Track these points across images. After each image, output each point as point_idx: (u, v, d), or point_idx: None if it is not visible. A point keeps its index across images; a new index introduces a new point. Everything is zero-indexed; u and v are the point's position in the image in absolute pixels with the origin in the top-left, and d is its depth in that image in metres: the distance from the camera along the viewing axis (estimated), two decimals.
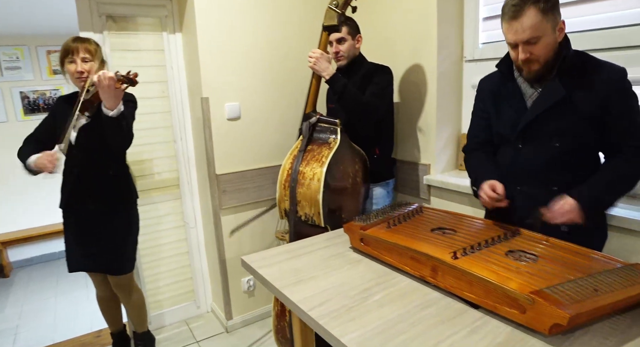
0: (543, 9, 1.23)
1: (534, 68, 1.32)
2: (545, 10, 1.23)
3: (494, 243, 1.21)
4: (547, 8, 1.23)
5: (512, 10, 1.26)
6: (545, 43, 1.28)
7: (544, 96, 1.33)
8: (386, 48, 2.36)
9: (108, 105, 1.70)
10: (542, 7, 1.23)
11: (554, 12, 1.26)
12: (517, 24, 1.26)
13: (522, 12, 1.24)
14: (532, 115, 1.34)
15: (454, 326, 1.00)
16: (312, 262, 1.40)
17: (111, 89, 1.66)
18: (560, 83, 1.29)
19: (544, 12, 1.23)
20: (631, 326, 0.98)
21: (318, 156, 1.84)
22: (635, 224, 1.46)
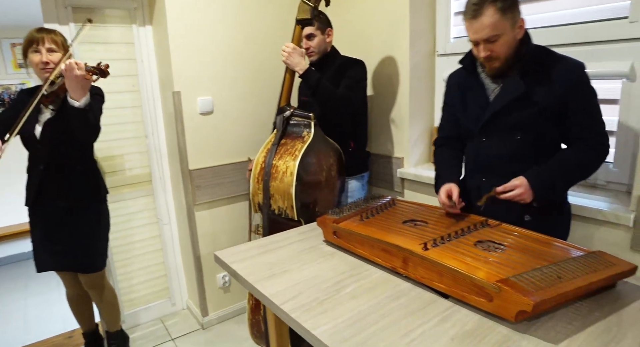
0: (502, 8, 1.25)
1: (495, 65, 1.35)
2: (504, 9, 1.26)
3: (464, 234, 1.23)
4: (506, 7, 1.26)
5: (472, 10, 1.28)
6: (505, 41, 1.30)
7: (504, 91, 1.36)
8: (359, 42, 2.36)
9: (74, 96, 1.65)
10: (500, 6, 1.25)
11: (512, 10, 1.28)
12: (477, 23, 1.28)
13: (482, 11, 1.26)
14: (493, 109, 1.38)
15: (424, 315, 1.01)
16: (286, 256, 1.40)
17: (79, 79, 1.61)
18: (521, 78, 1.33)
19: (502, 11, 1.26)
20: (592, 310, 1.02)
21: (291, 150, 1.84)
22: (597, 213, 1.51)
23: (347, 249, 1.37)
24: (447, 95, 1.62)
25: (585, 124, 1.33)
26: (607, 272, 1.04)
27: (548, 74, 1.33)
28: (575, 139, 1.35)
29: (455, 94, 1.56)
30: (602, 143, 1.34)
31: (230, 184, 2.45)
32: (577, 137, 1.35)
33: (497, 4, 1.25)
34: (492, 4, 1.25)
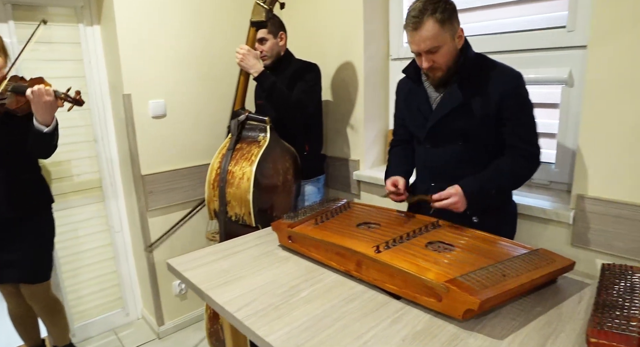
0: (440, 20, 1.28)
1: (437, 75, 1.39)
2: (443, 20, 1.29)
3: (415, 235, 1.26)
4: (445, 18, 1.29)
5: (413, 22, 1.30)
6: (445, 51, 1.33)
7: (444, 101, 1.40)
8: (314, 45, 2.37)
9: (43, 121, 1.58)
10: (439, 18, 1.28)
11: (451, 21, 1.32)
12: (418, 35, 1.31)
13: (421, 24, 1.29)
14: (434, 119, 1.42)
15: (377, 317, 1.03)
16: (241, 262, 1.39)
17: (47, 105, 1.54)
18: (460, 87, 1.37)
19: (441, 22, 1.29)
20: (535, 306, 1.07)
21: (247, 155, 1.82)
22: (540, 211, 1.59)
23: (302, 253, 1.37)
24: (397, 101, 1.66)
25: (517, 133, 1.38)
26: (548, 269, 1.09)
27: (486, 83, 1.37)
28: (509, 147, 1.40)
29: (403, 101, 1.60)
30: (534, 152, 1.39)
31: (186, 188, 2.40)
32: (511, 145, 1.39)
33: (437, 16, 1.28)
34: (432, 16, 1.28)
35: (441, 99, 1.43)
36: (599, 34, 1.42)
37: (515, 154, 1.39)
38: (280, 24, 2.08)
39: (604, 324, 0.83)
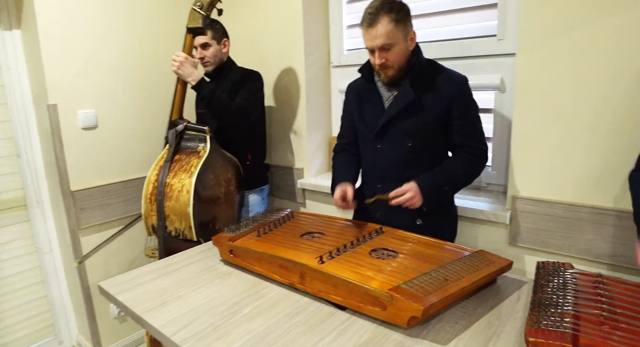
0: (395, 19, 1.33)
1: (389, 73, 1.42)
2: (397, 20, 1.34)
3: (359, 243, 1.25)
4: (399, 18, 1.34)
5: (369, 18, 1.35)
6: (398, 50, 1.37)
7: (397, 99, 1.43)
8: (255, 53, 2.33)
9: None
10: (394, 17, 1.33)
11: (405, 22, 1.37)
12: (373, 31, 1.34)
13: (377, 20, 1.33)
14: (387, 117, 1.43)
15: (322, 330, 1.00)
16: (180, 280, 1.31)
17: None
18: (412, 86, 1.40)
19: (396, 22, 1.34)
20: (477, 307, 1.08)
21: (186, 166, 1.74)
22: (479, 213, 1.63)
23: (245, 267, 1.32)
24: (346, 104, 1.66)
25: (467, 133, 1.44)
26: (487, 270, 1.11)
27: (435, 85, 1.42)
28: (458, 147, 1.45)
29: (354, 103, 1.60)
30: (483, 150, 1.46)
31: (122, 203, 2.26)
32: (461, 144, 1.45)
33: (392, 15, 1.33)
34: (387, 14, 1.33)
35: (394, 97, 1.45)
36: (525, 43, 1.49)
37: (466, 151, 1.44)
38: (224, 30, 2.03)
39: (540, 323, 0.85)
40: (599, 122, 1.39)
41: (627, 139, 1.35)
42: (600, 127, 1.39)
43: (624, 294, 0.97)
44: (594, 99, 1.39)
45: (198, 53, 1.98)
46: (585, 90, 1.40)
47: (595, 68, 1.37)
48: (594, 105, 1.39)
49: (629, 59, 1.31)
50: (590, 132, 1.41)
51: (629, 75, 1.32)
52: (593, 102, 1.39)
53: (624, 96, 1.34)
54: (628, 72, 1.32)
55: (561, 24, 1.41)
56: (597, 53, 1.36)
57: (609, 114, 1.37)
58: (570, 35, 1.40)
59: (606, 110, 1.37)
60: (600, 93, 1.37)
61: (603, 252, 1.44)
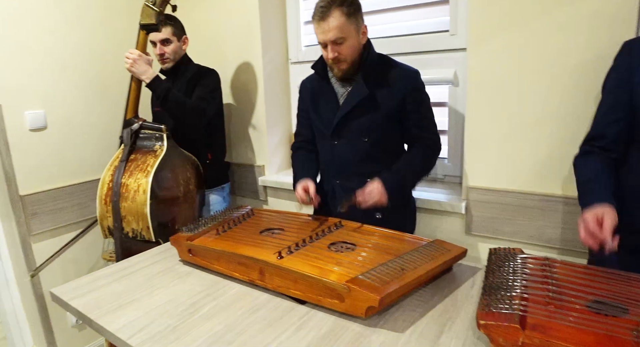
0: (347, 13, 1.34)
1: (342, 67, 1.42)
2: (349, 14, 1.35)
3: (318, 238, 1.25)
4: (351, 12, 1.35)
5: (320, 12, 1.35)
6: (350, 44, 1.38)
7: (351, 95, 1.44)
8: (212, 50, 2.30)
9: None
10: (346, 10, 1.34)
11: (357, 16, 1.38)
12: (325, 24, 1.35)
13: (329, 13, 1.34)
14: (342, 113, 1.44)
15: (282, 325, 1.00)
16: (137, 283, 1.27)
17: None
18: (366, 82, 1.41)
19: (347, 15, 1.35)
20: (433, 295, 1.11)
21: (142, 166, 1.69)
22: (437, 204, 1.68)
23: (204, 266, 1.30)
24: (301, 101, 1.66)
25: (422, 125, 1.47)
26: (443, 259, 1.14)
27: (388, 80, 1.44)
28: (414, 139, 1.48)
29: (309, 100, 1.60)
30: (437, 141, 1.50)
31: (77, 207, 2.17)
32: (417, 137, 1.48)
33: (343, 8, 1.34)
34: (339, 8, 1.33)
35: (348, 93, 1.46)
36: (475, 38, 1.54)
37: (422, 144, 1.47)
38: (183, 27, 1.99)
39: (490, 306, 0.88)
40: (545, 113, 1.45)
41: (572, 128, 1.42)
42: (546, 118, 1.45)
43: (568, 276, 1.02)
44: (540, 91, 1.45)
45: (158, 49, 1.93)
46: (531, 83, 1.46)
47: (541, 62, 1.43)
48: (540, 97, 1.45)
49: (572, 53, 1.38)
50: (538, 123, 1.47)
51: (571, 68, 1.39)
52: (539, 95, 1.45)
53: (567, 88, 1.40)
54: (571, 65, 1.39)
55: (508, 20, 1.46)
56: (542, 47, 1.42)
57: (554, 105, 1.43)
58: (517, 30, 1.45)
59: (552, 102, 1.44)
60: (546, 85, 1.44)
61: (552, 237, 1.51)
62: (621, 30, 1.30)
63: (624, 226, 1.11)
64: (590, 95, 1.38)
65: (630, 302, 0.90)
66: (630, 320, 0.83)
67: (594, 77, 1.35)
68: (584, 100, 1.38)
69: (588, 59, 1.36)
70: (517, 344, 0.81)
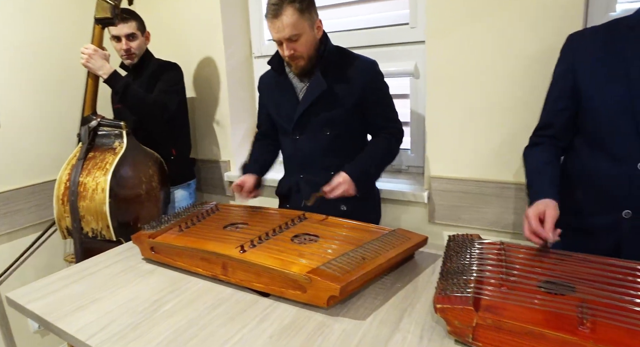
0: (300, 9, 1.33)
1: (300, 64, 1.42)
2: (302, 10, 1.33)
3: (282, 231, 1.26)
4: (303, 8, 1.34)
5: (273, 9, 1.33)
6: (305, 40, 1.38)
7: (310, 90, 1.44)
8: (174, 45, 2.26)
9: None
10: (298, 7, 1.33)
11: (310, 11, 1.37)
12: (278, 22, 1.33)
13: (281, 11, 1.32)
14: (302, 108, 1.45)
15: (244, 319, 1.00)
16: (97, 283, 1.25)
17: None
18: (324, 75, 1.42)
19: (300, 11, 1.33)
20: (395, 282, 1.13)
21: (101, 164, 1.65)
22: (400, 194, 1.71)
23: (167, 263, 1.28)
24: (260, 96, 1.65)
25: (384, 115, 1.49)
26: (404, 247, 1.16)
27: (347, 73, 1.45)
28: (377, 129, 1.50)
29: (268, 95, 1.59)
30: (399, 129, 1.52)
31: (34, 209, 2.10)
32: (379, 127, 1.50)
33: (295, 4, 1.32)
34: (291, 5, 1.32)
35: (307, 88, 1.46)
36: (434, 31, 1.57)
37: (386, 133, 1.49)
38: (144, 22, 1.95)
39: (446, 290, 0.91)
40: (501, 103, 1.50)
41: (526, 118, 1.47)
42: (502, 108, 1.50)
43: (522, 258, 1.06)
44: (496, 82, 1.49)
45: (124, 44, 1.88)
46: (488, 74, 1.50)
47: (497, 54, 1.47)
48: (497, 88, 1.50)
49: (525, 45, 1.43)
50: (494, 113, 1.52)
51: (525, 60, 1.44)
52: (496, 86, 1.50)
53: (522, 79, 1.45)
54: (522, 57, 1.44)
55: (466, 13, 1.50)
56: (497, 40, 1.46)
57: (509, 96, 1.48)
58: (474, 23, 1.49)
59: (507, 93, 1.48)
60: (502, 77, 1.48)
61: (509, 223, 1.57)
62: (569, 23, 1.36)
63: (568, 208, 1.17)
64: (542, 86, 1.43)
65: (578, 280, 0.94)
66: (576, 297, 0.87)
67: (545, 68, 1.40)
68: (538, 90, 1.44)
69: (540, 51, 1.41)
70: (471, 325, 0.84)
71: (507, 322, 0.81)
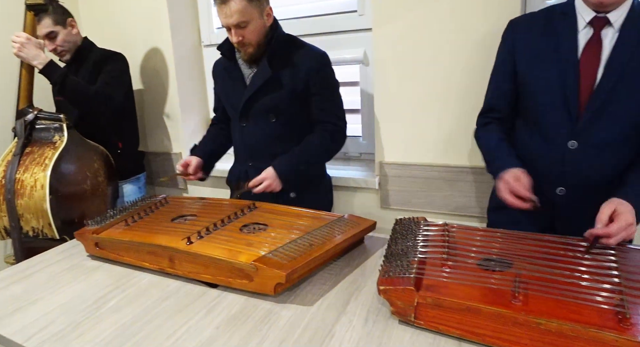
0: None
1: (248, 50, 1.41)
2: None
3: (231, 221, 1.25)
4: None
5: None
6: (254, 27, 1.36)
7: (256, 76, 1.43)
8: (117, 32, 2.17)
9: None
10: None
11: None
12: (226, 8, 1.32)
13: None
14: (247, 95, 1.43)
15: (192, 310, 0.99)
16: (38, 283, 1.19)
17: None
18: (270, 64, 1.41)
19: None
20: (344, 267, 1.15)
21: (39, 159, 1.57)
22: (352, 181, 1.73)
23: (113, 259, 1.25)
24: (215, 82, 1.63)
25: (324, 108, 1.48)
26: (352, 232, 1.18)
27: (294, 60, 1.44)
28: (317, 122, 1.50)
29: (219, 82, 1.58)
30: (340, 126, 1.51)
31: None
32: (319, 120, 1.49)
33: None
34: None
35: (253, 75, 1.45)
36: (380, 18, 1.58)
37: (324, 128, 1.48)
38: (65, 10, 1.84)
39: (389, 272, 0.93)
40: (448, 89, 1.54)
41: (473, 103, 1.51)
42: (449, 93, 1.54)
43: (464, 238, 1.09)
44: (441, 68, 1.53)
45: (48, 45, 1.78)
46: (433, 60, 1.53)
47: (441, 40, 1.50)
48: (442, 74, 1.53)
49: (468, 31, 1.46)
50: (442, 98, 1.55)
51: (470, 43, 1.47)
52: (441, 71, 1.53)
53: (466, 64, 1.49)
54: (470, 41, 1.47)
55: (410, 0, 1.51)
56: (442, 26, 1.49)
57: (455, 81, 1.52)
58: (418, 10, 1.51)
59: (453, 78, 1.52)
60: (447, 62, 1.52)
61: (458, 206, 1.62)
62: (509, 9, 1.40)
63: None
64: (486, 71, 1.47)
65: (515, 257, 0.98)
66: (512, 273, 0.91)
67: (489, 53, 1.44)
68: (482, 75, 1.47)
69: (482, 36, 1.45)
70: (412, 305, 0.87)
71: (445, 299, 0.84)
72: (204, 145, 1.58)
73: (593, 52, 1.11)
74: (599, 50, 1.10)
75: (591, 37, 1.11)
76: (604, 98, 1.09)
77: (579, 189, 1.17)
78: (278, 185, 1.38)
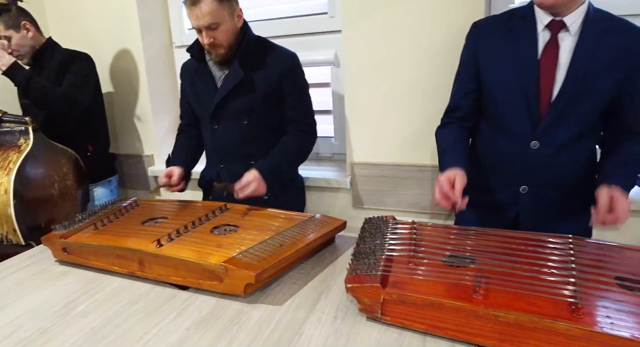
0: None
1: (219, 52, 1.41)
2: None
3: (202, 223, 1.25)
4: None
5: None
6: (225, 28, 1.37)
7: (227, 78, 1.43)
8: (84, 33, 2.13)
9: None
10: None
11: (229, 0, 1.36)
12: (197, 9, 1.31)
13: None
14: (219, 97, 1.44)
15: (162, 313, 0.99)
16: (3, 289, 1.17)
17: None
18: (242, 65, 1.41)
19: (219, 0, 1.31)
20: (314, 267, 1.17)
21: (3, 163, 1.54)
22: (324, 181, 1.75)
23: (82, 264, 1.23)
24: (182, 85, 1.62)
25: (298, 109, 1.50)
26: (322, 231, 1.20)
27: (265, 63, 1.45)
28: (290, 123, 1.51)
29: (188, 83, 1.57)
30: (312, 126, 1.54)
31: None
32: (293, 120, 1.51)
33: None
34: None
35: (225, 77, 1.45)
36: (349, 20, 1.61)
37: (297, 129, 1.50)
38: (22, 12, 1.79)
39: (357, 270, 0.95)
40: (414, 90, 1.57)
41: (438, 103, 1.54)
42: (416, 93, 1.58)
43: (431, 236, 1.12)
44: (408, 69, 1.56)
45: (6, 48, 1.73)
46: (400, 62, 1.57)
47: (408, 42, 1.54)
48: (409, 75, 1.57)
49: (434, 33, 1.50)
50: (408, 98, 1.59)
51: (436, 45, 1.51)
52: (408, 73, 1.57)
53: (431, 66, 1.53)
54: (435, 42, 1.51)
55: (378, 2, 1.54)
56: (408, 29, 1.53)
57: (421, 83, 1.56)
58: (386, 13, 1.54)
59: (419, 79, 1.56)
60: (413, 64, 1.55)
61: (427, 204, 1.66)
62: (473, 12, 1.45)
63: (477, 186, 1.26)
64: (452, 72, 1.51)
65: (478, 253, 1.02)
66: (475, 268, 0.95)
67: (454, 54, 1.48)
68: (447, 76, 1.51)
69: (447, 38, 1.49)
70: (379, 302, 0.89)
71: (410, 295, 0.87)
72: (179, 154, 1.55)
73: (551, 55, 1.16)
74: (557, 52, 1.15)
75: (549, 39, 1.16)
76: (566, 102, 1.14)
77: (542, 188, 1.23)
78: (263, 188, 1.38)
